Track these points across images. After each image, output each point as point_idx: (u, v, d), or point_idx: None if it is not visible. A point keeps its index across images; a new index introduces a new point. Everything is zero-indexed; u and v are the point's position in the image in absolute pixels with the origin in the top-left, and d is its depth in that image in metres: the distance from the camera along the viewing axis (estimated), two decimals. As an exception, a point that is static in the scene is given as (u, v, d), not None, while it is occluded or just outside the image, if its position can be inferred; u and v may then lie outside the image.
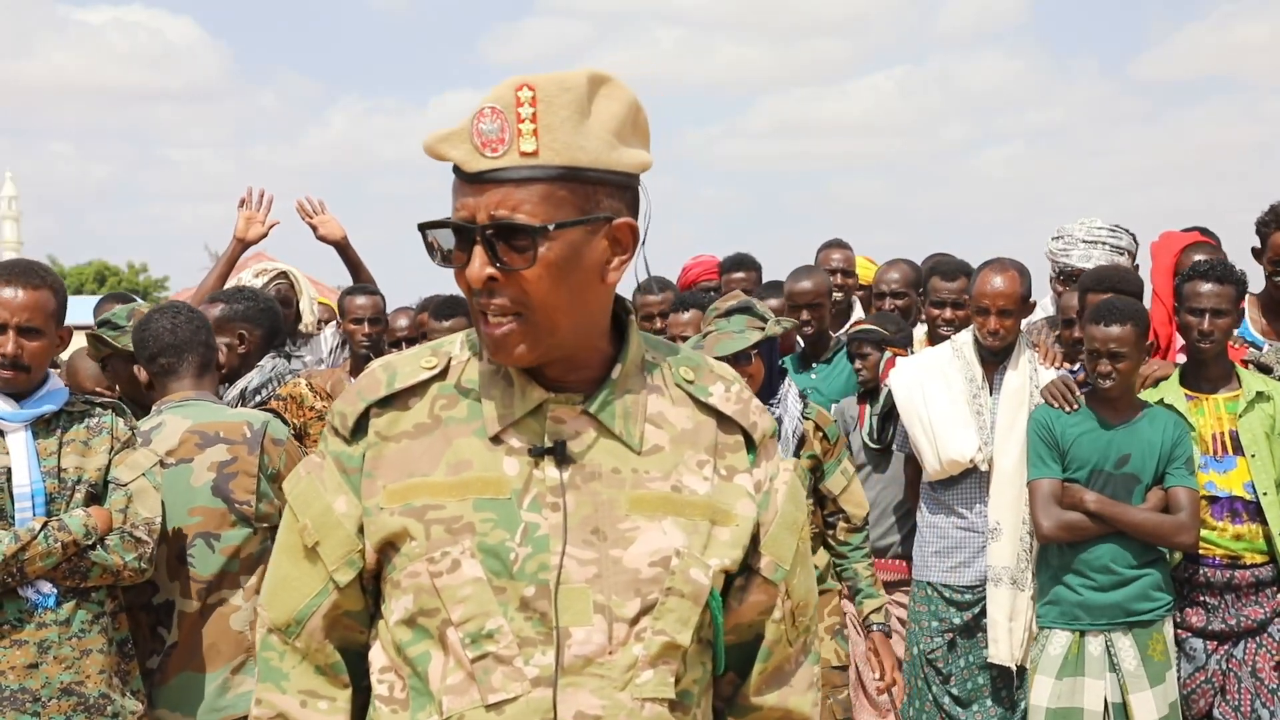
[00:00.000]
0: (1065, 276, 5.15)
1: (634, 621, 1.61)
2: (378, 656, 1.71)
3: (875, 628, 4.17)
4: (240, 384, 4.33)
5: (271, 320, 4.49)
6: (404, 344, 5.18)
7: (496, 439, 1.66)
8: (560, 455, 1.64)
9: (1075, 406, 4.19)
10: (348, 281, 6.02)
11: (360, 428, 1.70)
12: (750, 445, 1.73)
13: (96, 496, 3.24)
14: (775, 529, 1.73)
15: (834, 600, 4.35)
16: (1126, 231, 5.15)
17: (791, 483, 1.77)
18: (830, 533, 4.20)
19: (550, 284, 1.59)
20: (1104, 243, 5.07)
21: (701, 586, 1.65)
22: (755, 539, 1.72)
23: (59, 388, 3.32)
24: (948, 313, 5.10)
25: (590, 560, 1.62)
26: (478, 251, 1.59)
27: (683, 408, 1.71)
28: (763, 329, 3.84)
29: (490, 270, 1.59)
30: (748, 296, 4.07)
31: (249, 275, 5.76)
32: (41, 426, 3.24)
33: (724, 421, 1.72)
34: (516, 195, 1.57)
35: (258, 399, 4.27)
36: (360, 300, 5.58)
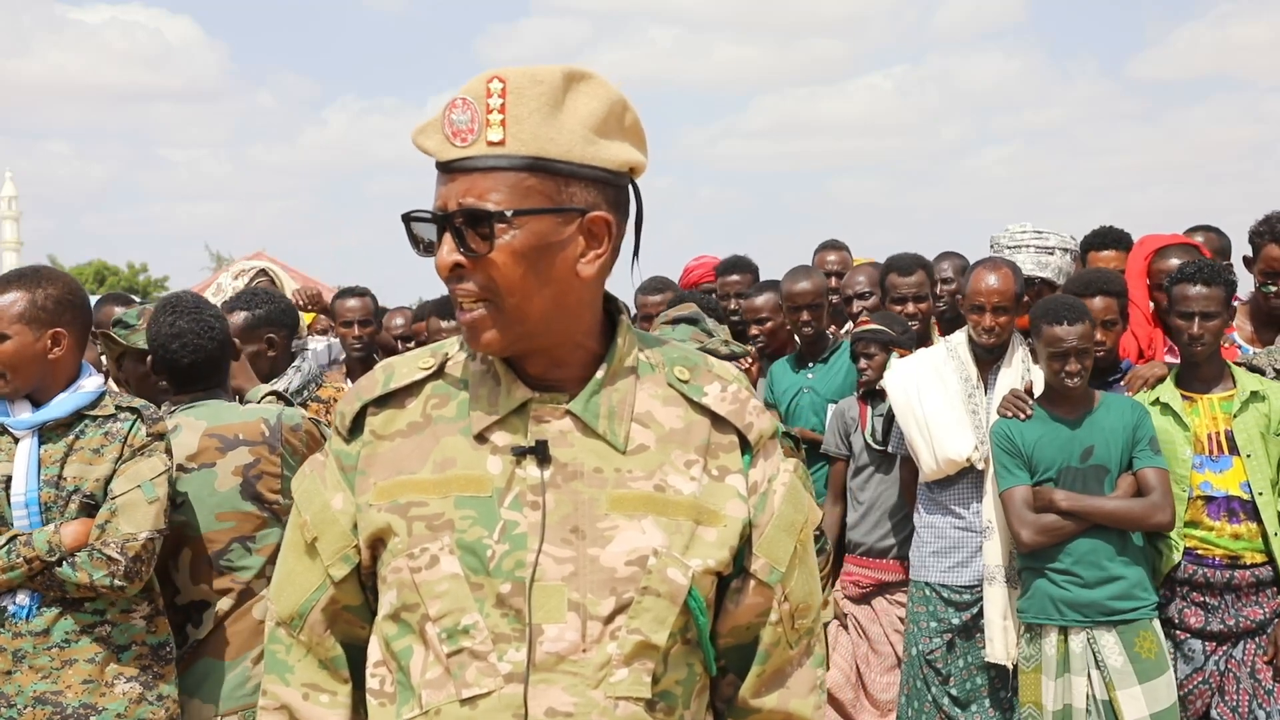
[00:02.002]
0: None
1: (609, 620, 1.62)
2: (373, 651, 1.73)
3: None
4: (278, 386, 4.30)
5: (293, 319, 4.54)
6: (399, 342, 5.19)
7: (481, 437, 1.67)
8: (542, 454, 1.65)
9: (1029, 414, 4.21)
10: (349, 285, 6.03)
11: (357, 426, 1.73)
12: (745, 446, 1.73)
13: (96, 506, 3.16)
14: (771, 531, 1.72)
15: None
16: (1056, 233, 5.10)
17: (791, 484, 1.76)
18: None
19: (515, 270, 1.61)
20: (1027, 246, 5.02)
21: (679, 586, 1.64)
22: (749, 540, 1.71)
23: (84, 391, 3.23)
24: (910, 307, 5.15)
25: (567, 558, 1.62)
26: (446, 238, 1.62)
27: (674, 407, 1.71)
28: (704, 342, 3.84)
29: (456, 256, 1.62)
30: (698, 309, 4.08)
31: (228, 278, 5.74)
32: (56, 432, 3.18)
33: (718, 422, 1.72)
34: (483, 183, 1.60)
35: (297, 402, 4.25)
36: (350, 303, 5.61)
